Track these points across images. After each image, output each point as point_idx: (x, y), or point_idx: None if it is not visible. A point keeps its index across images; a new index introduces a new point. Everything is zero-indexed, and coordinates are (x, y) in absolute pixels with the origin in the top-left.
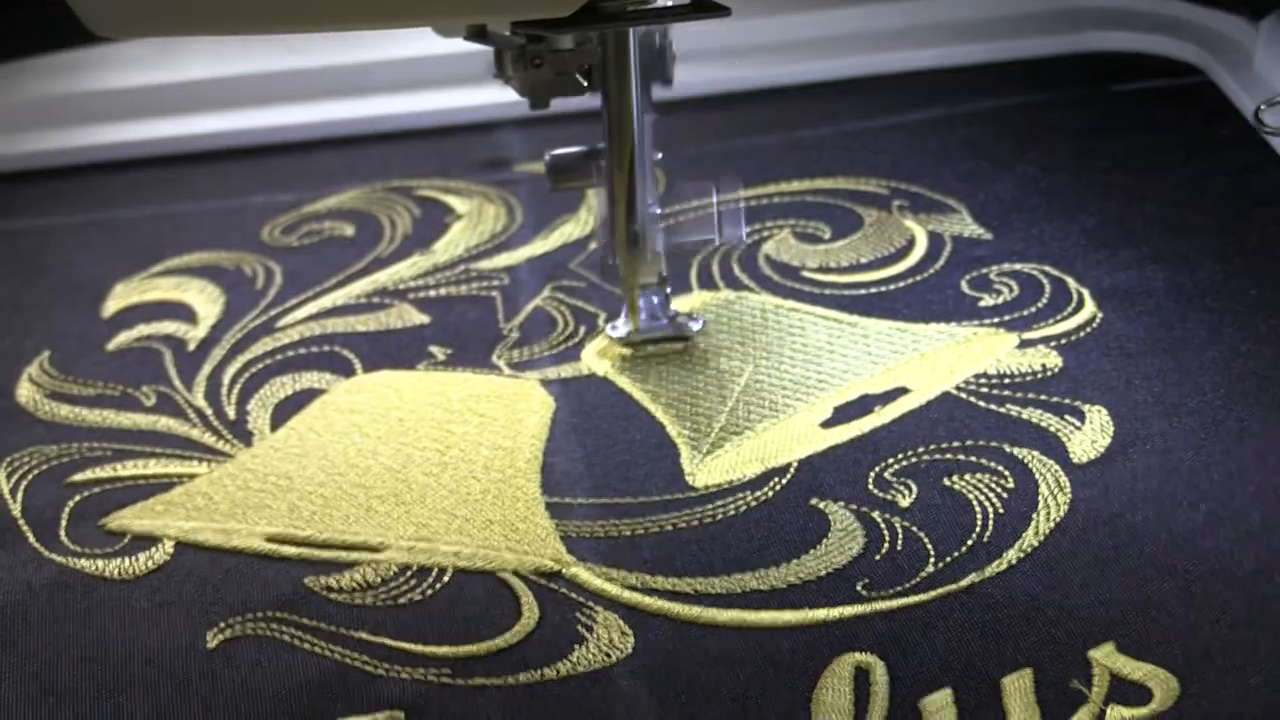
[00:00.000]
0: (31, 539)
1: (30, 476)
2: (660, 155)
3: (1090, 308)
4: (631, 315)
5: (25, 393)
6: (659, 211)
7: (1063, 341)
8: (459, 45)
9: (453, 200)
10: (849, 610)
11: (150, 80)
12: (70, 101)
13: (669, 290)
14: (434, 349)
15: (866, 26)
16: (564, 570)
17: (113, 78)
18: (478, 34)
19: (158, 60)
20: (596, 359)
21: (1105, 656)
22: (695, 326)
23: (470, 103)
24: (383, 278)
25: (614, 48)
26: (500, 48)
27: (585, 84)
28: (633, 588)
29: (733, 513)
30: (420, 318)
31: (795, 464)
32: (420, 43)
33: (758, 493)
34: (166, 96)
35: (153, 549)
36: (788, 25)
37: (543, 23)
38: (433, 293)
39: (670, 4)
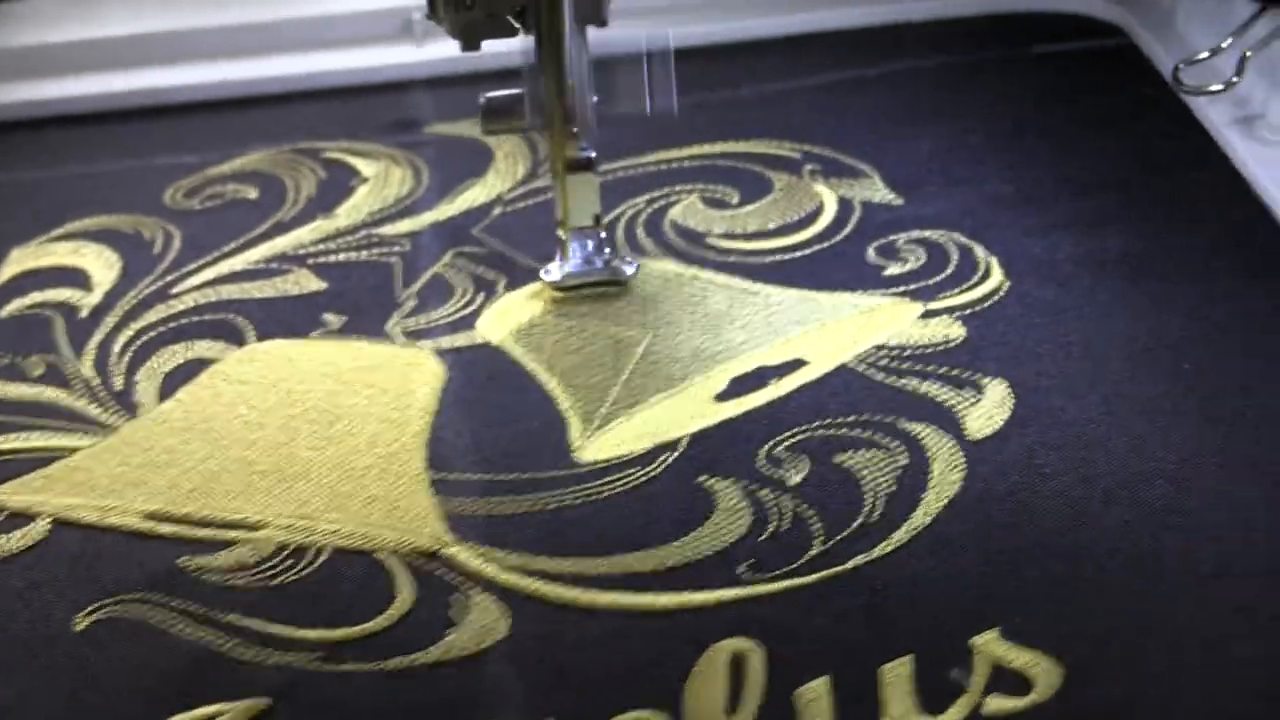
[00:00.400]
0: None
1: None
2: (595, 99)
3: (998, 276)
4: (565, 258)
5: None
6: (593, 155)
7: (967, 312)
8: (372, 3)
9: (359, 163)
10: (730, 594)
11: (59, 37)
12: None
13: (604, 234)
14: (329, 316)
15: None
16: (443, 550)
17: (20, 34)
18: None
19: (67, 16)
20: (493, 326)
21: (988, 643)
22: (630, 270)
23: (382, 62)
24: (282, 243)
25: None
26: None
27: (517, 26)
28: (512, 568)
29: (619, 490)
30: (317, 284)
31: (686, 439)
32: (333, 1)
33: (646, 469)
34: (75, 54)
35: (28, 526)
36: None
37: None
38: (332, 258)
39: None
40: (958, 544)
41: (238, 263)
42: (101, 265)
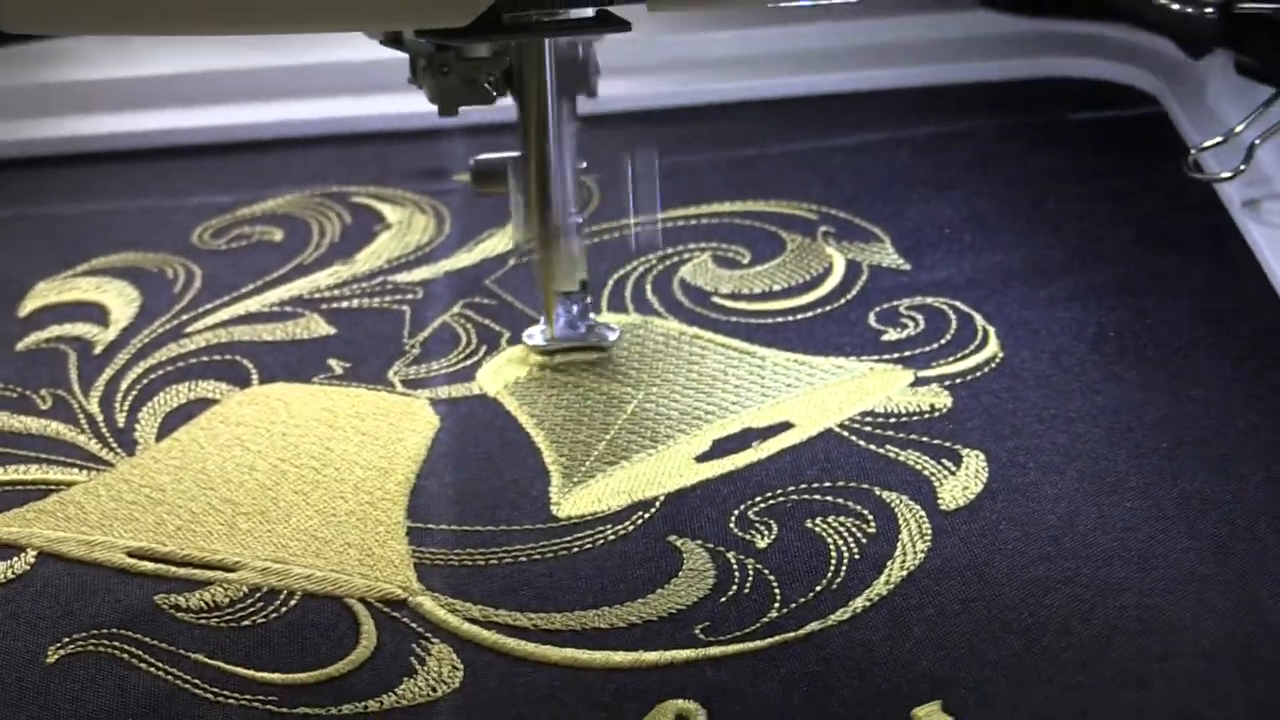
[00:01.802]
0: None
1: None
2: (585, 164)
3: (993, 346)
4: (549, 323)
5: None
6: (580, 221)
7: (957, 381)
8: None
9: (385, 209)
10: (682, 654)
11: (96, 75)
12: (11, 94)
13: (589, 299)
14: (333, 362)
15: (815, 44)
16: (410, 599)
17: (58, 72)
18: (393, 40)
19: (104, 55)
20: (491, 378)
21: (928, 716)
22: (612, 336)
23: (415, 109)
24: (300, 286)
25: (530, 57)
26: (413, 54)
27: (495, 93)
28: (474, 620)
29: (589, 546)
30: (327, 329)
31: (662, 498)
32: (370, 47)
33: (618, 526)
34: (112, 92)
35: (14, 558)
36: (732, 40)
37: (446, 31)
38: (345, 304)
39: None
40: (914, 615)
41: (253, 304)
42: (121, 302)
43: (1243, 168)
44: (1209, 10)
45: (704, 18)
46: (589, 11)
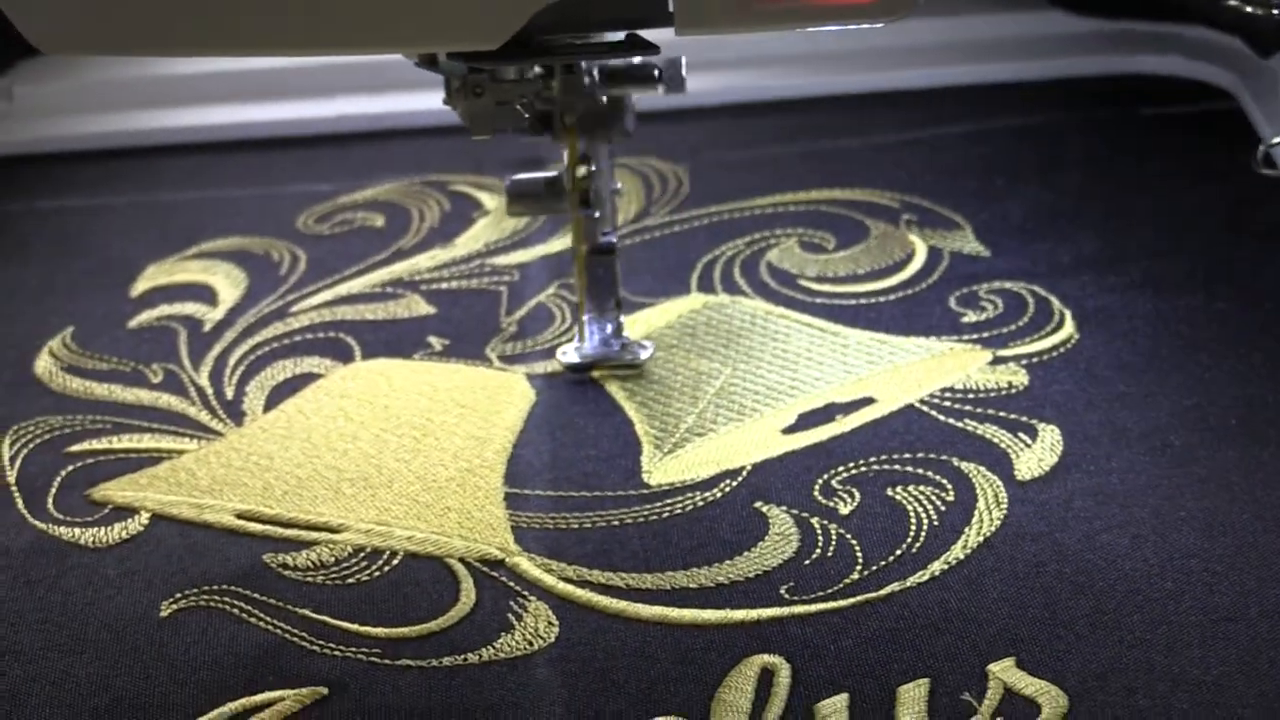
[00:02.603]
0: (20, 505)
1: (32, 445)
2: (618, 186)
3: (1069, 329)
4: (582, 340)
5: (43, 365)
6: (614, 241)
7: (1034, 360)
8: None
9: (483, 196)
10: (768, 612)
11: (206, 68)
12: (128, 85)
13: (623, 318)
14: (433, 339)
15: (900, 41)
16: (507, 559)
17: (171, 64)
18: (428, 62)
19: None
20: None
21: (1003, 670)
22: (644, 354)
23: None
24: (400, 268)
25: (565, 85)
26: (447, 76)
27: (526, 115)
28: (568, 580)
29: (679, 511)
30: (427, 309)
31: (749, 467)
32: None
33: (707, 493)
34: (220, 84)
35: (129, 520)
36: (819, 37)
37: (479, 54)
38: (444, 285)
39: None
40: (990, 578)
41: (356, 286)
42: (229, 283)
43: None
44: (1276, 10)
45: None
46: (619, 35)
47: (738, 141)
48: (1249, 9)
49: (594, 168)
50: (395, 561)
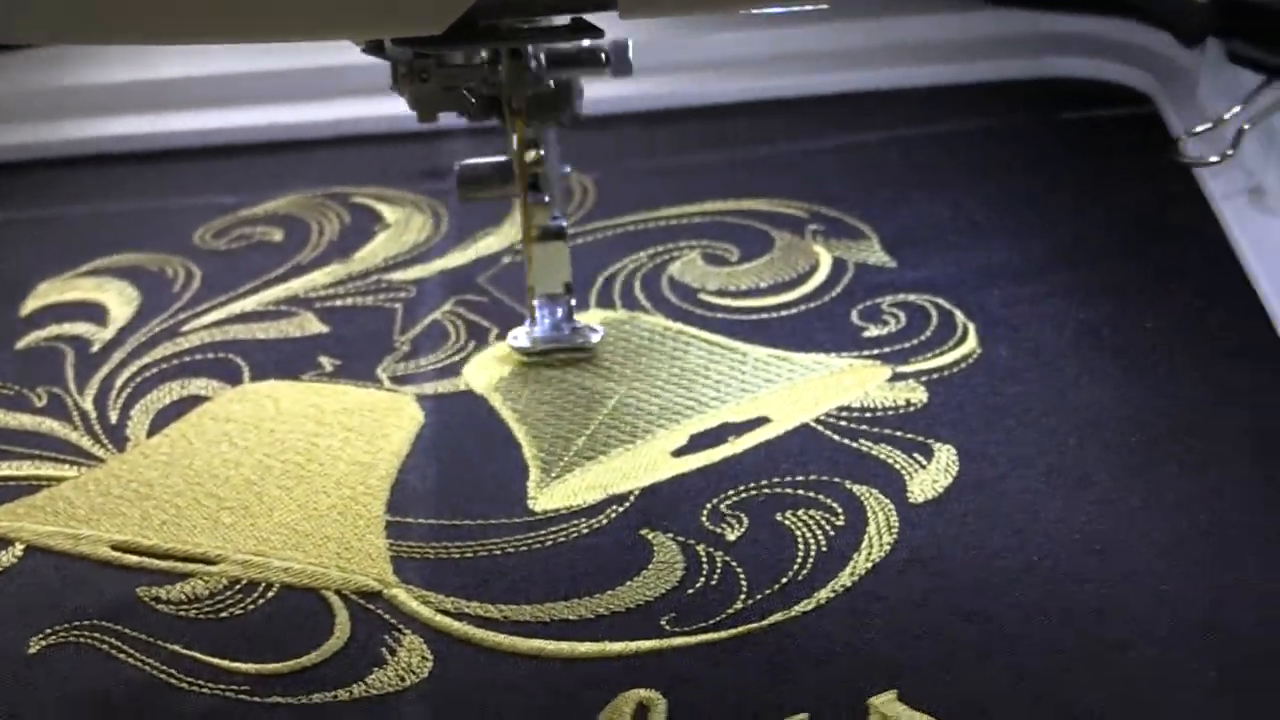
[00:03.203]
0: None
1: None
2: (567, 169)
3: (972, 342)
4: (533, 323)
5: None
6: (564, 225)
7: (934, 376)
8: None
9: (384, 208)
10: (646, 644)
11: (102, 79)
12: (22, 98)
13: (574, 301)
14: (324, 359)
15: (811, 45)
16: (385, 591)
17: (64, 75)
18: (374, 47)
19: (111, 57)
20: (478, 374)
21: (884, 704)
22: (595, 338)
23: None
24: (296, 285)
25: (509, 71)
26: (393, 61)
27: (473, 100)
28: (445, 612)
29: (563, 539)
30: (320, 327)
31: (637, 492)
32: None
33: (592, 520)
34: (119, 94)
35: (3, 552)
36: (730, 42)
37: (424, 39)
38: (340, 302)
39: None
40: (876, 606)
41: (250, 304)
42: (121, 301)
43: (1230, 153)
44: None
45: (698, 20)
46: (563, 19)
47: (649, 150)
48: None
49: (542, 152)
50: (271, 594)
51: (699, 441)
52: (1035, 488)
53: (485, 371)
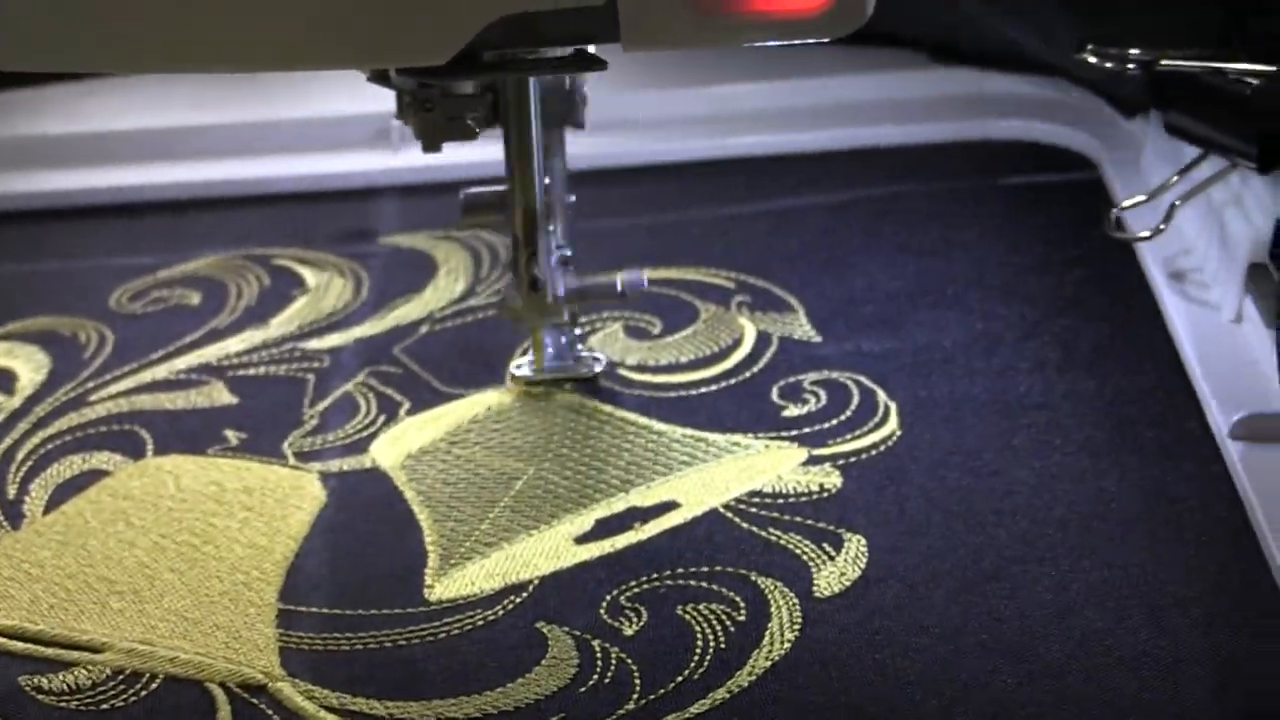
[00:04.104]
0: None
1: None
2: (573, 199)
3: (892, 424)
4: (536, 353)
5: None
6: (568, 254)
7: (850, 460)
8: (342, 108)
9: (306, 272)
10: None
11: (27, 130)
12: None
13: (578, 330)
14: (229, 432)
15: (746, 105)
16: (270, 685)
17: None
18: (379, 77)
19: (19, 110)
20: (387, 450)
21: None
22: (599, 366)
23: (349, 169)
24: (210, 352)
25: (514, 93)
26: (399, 91)
27: (477, 130)
28: (330, 708)
29: (457, 631)
30: (229, 398)
31: (537, 581)
32: (307, 105)
33: (488, 611)
34: (30, 149)
35: None
36: (657, 101)
37: (429, 69)
38: (252, 371)
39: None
40: (773, 709)
41: (161, 371)
42: (31, 368)
43: (1162, 227)
44: (1131, 68)
45: (625, 76)
46: (567, 51)
47: (577, 214)
48: (1106, 65)
49: (547, 181)
50: (155, 685)
51: (604, 527)
52: (945, 581)
53: (392, 448)
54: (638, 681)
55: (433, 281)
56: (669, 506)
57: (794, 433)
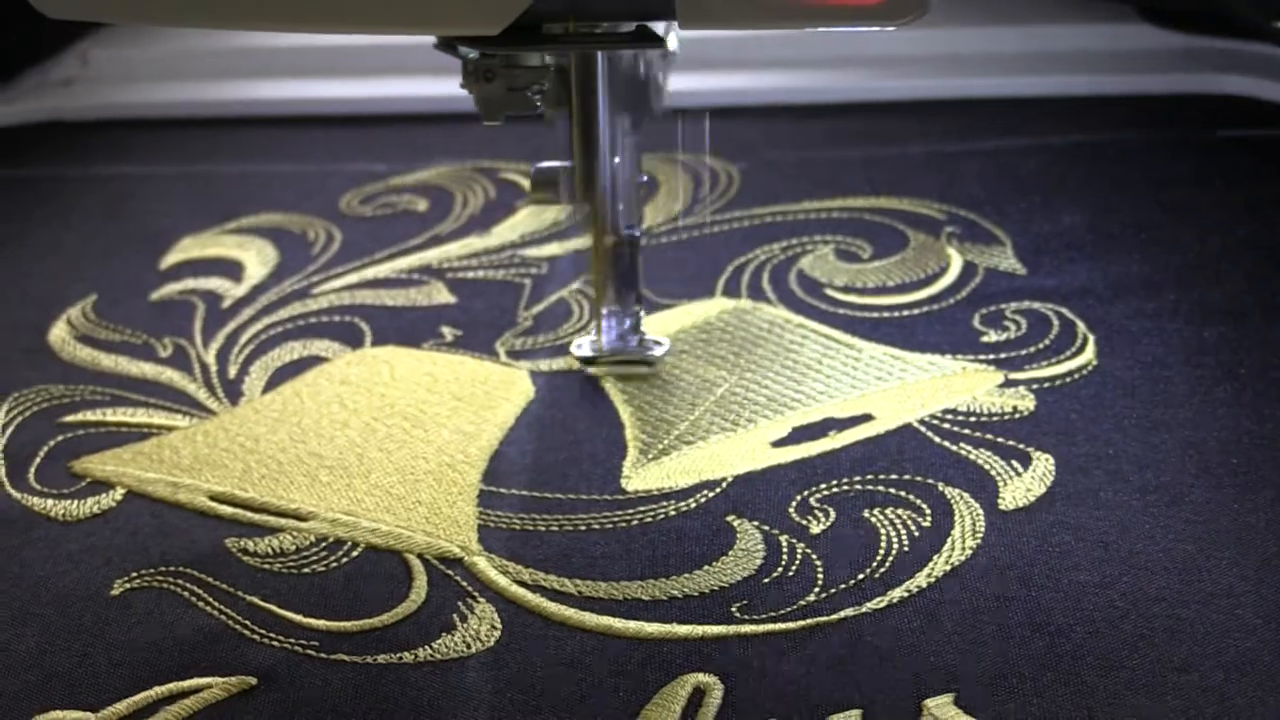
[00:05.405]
0: (2, 473)
1: (27, 414)
2: (645, 178)
3: (1089, 354)
4: (599, 334)
5: (57, 334)
6: (638, 234)
7: (1046, 385)
8: None
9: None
10: (713, 630)
11: (268, 42)
12: (202, 56)
13: (642, 312)
14: (446, 329)
15: (964, 48)
16: (465, 558)
17: (245, 36)
18: (446, 45)
19: None
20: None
21: (939, 707)
22: (660, 351)
23: None
24: (432, 255)
25: (580, 72)
26: (463, 60)
27: (539, 105)
28: (522, 583)
29: (649, 520)
30: (447, 298)
31: (730, 479)
32: None
33: (681, 503)
34: (280, 59)
35: (103, 495)
36: (885, 40)
37: (489, 39)
38: (471, 274)
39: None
40: (948, 609)
41: (383, 270)
42: (258, 260)
43: None
44: None
45: None
46: (629, 26)
47: (795, 143)
48: None
49: (616, 160)
50: (355, 553)
51: (801, 434)
52: (1126, 504)
53: None
54: (820, 575)
55: (652, 199)
56: (864, 418)
57: (991, 357)
